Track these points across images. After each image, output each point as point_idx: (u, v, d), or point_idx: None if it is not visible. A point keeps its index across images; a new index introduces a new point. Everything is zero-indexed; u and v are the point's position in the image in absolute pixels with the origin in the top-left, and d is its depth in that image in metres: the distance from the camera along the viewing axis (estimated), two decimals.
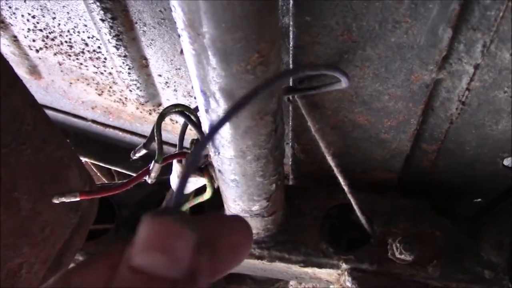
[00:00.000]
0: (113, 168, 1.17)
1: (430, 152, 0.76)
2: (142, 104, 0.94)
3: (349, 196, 0.74)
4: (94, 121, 1.13)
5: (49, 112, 1.01)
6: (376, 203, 0.80)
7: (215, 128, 0.29)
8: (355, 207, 0.76)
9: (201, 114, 0.52)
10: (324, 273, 0.80)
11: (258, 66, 0.43)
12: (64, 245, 0.69)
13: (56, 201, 0.58)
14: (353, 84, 0.63)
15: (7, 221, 0.56)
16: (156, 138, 0.63)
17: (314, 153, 0.80)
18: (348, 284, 0.76)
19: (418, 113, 0.67)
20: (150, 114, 1.00)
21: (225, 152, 0.55)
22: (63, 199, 0.58)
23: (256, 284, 1.05)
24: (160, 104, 0.96)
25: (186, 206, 0.72)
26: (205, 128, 0.56)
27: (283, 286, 1.11)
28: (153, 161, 0.65)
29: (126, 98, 0.97)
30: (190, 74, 0.47)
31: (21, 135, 0.56)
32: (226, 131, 0.51)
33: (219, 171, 0.61)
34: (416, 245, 0.73)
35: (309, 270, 0.79)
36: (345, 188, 0.74)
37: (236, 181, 0.61)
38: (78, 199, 0.59)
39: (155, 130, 0.64)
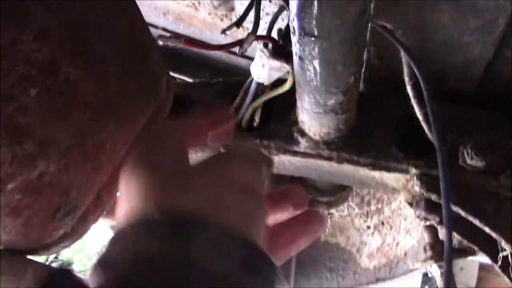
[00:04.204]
0: (178, 76, 1.19)
1: None
2: (216, 8, 0.94)
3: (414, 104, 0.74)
4: (164, 29, 1.14)
5: None
6: (449, 112, 0.79)
7: None
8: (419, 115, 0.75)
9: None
10: (391, 179, 0.80)
11: None
12: (143, 130, 0.71)
13: (161, 42, 0.66)
14: None
15: (96, 93, 0.58)
16: (254, 8, 0.66)
17: (390, 59, 0.78)
18: (417, 189, 0.76)
19: (507, 11, 0.64)
20: (221, 20, 1.01)
21: (311, 30, 0.54)
22: (169, 43, 0.66)
23: (318, 193, 1.07)
24: (233, 9, 0.96)
25: (263, 99, 0.73)
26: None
27: (344, 196, 1.13)
28: (248, 33, 0.68)
29: (199, 2, 0.98)
30: None
31: (118, 6, 0.58)
32: (315, 6, 0.51)
33: (300, 57, 0.61)
34: (488, 153, 0.72)
35: (376, 174, 0.79)
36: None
37: (315, 70, 0.62)
38: (181, 45, 0.67)
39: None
